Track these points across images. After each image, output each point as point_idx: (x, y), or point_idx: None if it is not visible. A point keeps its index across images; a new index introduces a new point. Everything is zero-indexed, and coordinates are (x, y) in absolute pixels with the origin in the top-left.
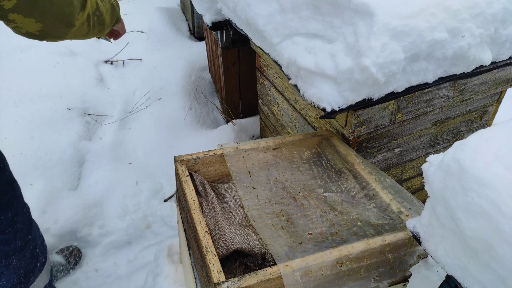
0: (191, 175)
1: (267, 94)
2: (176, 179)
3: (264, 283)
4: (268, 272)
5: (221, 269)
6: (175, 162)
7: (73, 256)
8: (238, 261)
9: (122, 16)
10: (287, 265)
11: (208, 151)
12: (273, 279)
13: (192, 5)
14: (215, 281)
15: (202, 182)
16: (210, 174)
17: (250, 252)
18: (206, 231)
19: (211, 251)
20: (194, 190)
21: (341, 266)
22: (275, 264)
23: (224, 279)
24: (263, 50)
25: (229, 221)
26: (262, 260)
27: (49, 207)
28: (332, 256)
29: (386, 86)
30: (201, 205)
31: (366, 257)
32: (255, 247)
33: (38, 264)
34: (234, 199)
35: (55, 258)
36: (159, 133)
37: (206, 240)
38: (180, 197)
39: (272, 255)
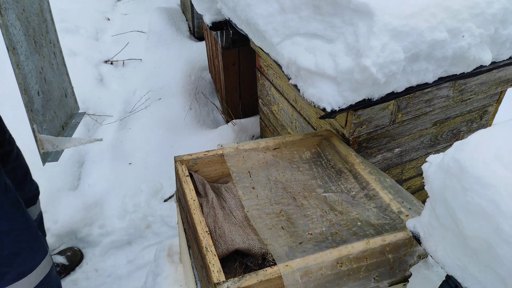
0: (191, 175)
1: (267, 94)
2: (176, 179)
3: (264, 283)
4: (268, 272)
5: (221, 269)
6: (175, 162)
7: (74, 257)
8: (238, 261)
9: (122, 16)
10: (287, 265)
11: (208, 151)
12: (273, 279)
13: (192, 5)
14: (215, 281)
15: (202, 182)
16: (210, 174)
17: (250, 252)
18: (206, 231)
19: (211, 251)
20: (194, 190)
21: (341, 266)
22: (275, 264)
23: (224, 279)
24: (263, 50)
25: (229, 221)
26: (262, 260)
27: (49, 207)
28: (332, 256)
29: (386, 86)
30: (201, 205)
31: (366, 257)
32: (255, 247)
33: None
34: (234, 199)
35: (56, 259)
36: (159, 133)
37: (206, 240)
38: (180, 197)
39: (272, 255)
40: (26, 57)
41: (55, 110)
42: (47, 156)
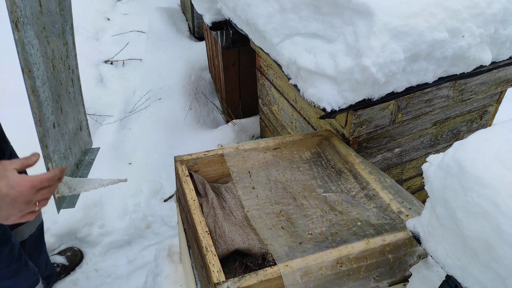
0: (191, 175)
1: (267, 94)
2: (176, 179)
3: (264, 283)
4: (268, 272)
5: (221, 269)
6: (175, 162)
7: (74, 257)
8: (238, 261)
9: (122, 16)
10: (287, 265)
11: (208, 151)
12: (273, 279)
13: (192, 5)
14: (215, 281)
15: (202, 182)
16: (210, 174)
17: (250, 252)
18: (206, 231)
19: (211, 251)
20: (194, 190)
21: (341, 266)
22: (275, 264)
23: (224, 279)
24: (263, 50)
25: (229, 221)
26: (262, 260)
27: (49, 208)
28: (332, 256)
29: (386, 86)
30: (201, 205)
31: (366, 257)
32: (255, 247)
33: None
34: (234, 199)
35: (56, 259)
36: (159, 133)
37: (206, 240)
38: (180, 197)
39: (272, 255)
40: (43, 82)
41: (70, 145)
42: (62, 201)
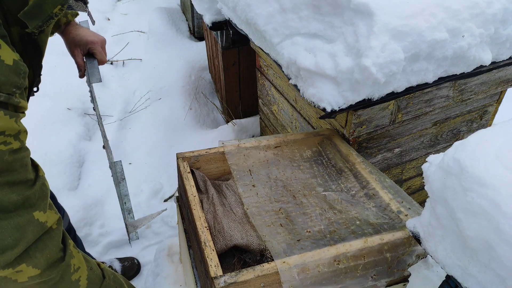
0: (192, 172)
1: (267, 94)
2: (178, 176)
3: (261, 278)
4: (265, 268)
5: (218, 263)
6: (177, 159)
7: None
8: (236, 257)
9: (122, 16)
10: (284, 262)
11: (209, 148)
12: (269, 275)
13: (192, 5)
14: (213, 275)
15: (203, 179)
16: (211, 171)
17: (249, 248)
18: (205, 227)
19: (210, 246)
20: (195, 186)
21: (338, 263)
22: (273, 260)
23: (222, 274)
24: (263, 50)
25: (228, 218)
26: (261, 257)
27: None
28: (330, 254)
29: (386, 86)
30: (201, 202)
31: (363, 256)
32: (253, 243)
33: None
34: (234, 196)
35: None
36: (159, 133)
37: (205, 235)
38: (181, 193)
39: (270, 252)
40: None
41: (126, 201)
42: (131, 237)
